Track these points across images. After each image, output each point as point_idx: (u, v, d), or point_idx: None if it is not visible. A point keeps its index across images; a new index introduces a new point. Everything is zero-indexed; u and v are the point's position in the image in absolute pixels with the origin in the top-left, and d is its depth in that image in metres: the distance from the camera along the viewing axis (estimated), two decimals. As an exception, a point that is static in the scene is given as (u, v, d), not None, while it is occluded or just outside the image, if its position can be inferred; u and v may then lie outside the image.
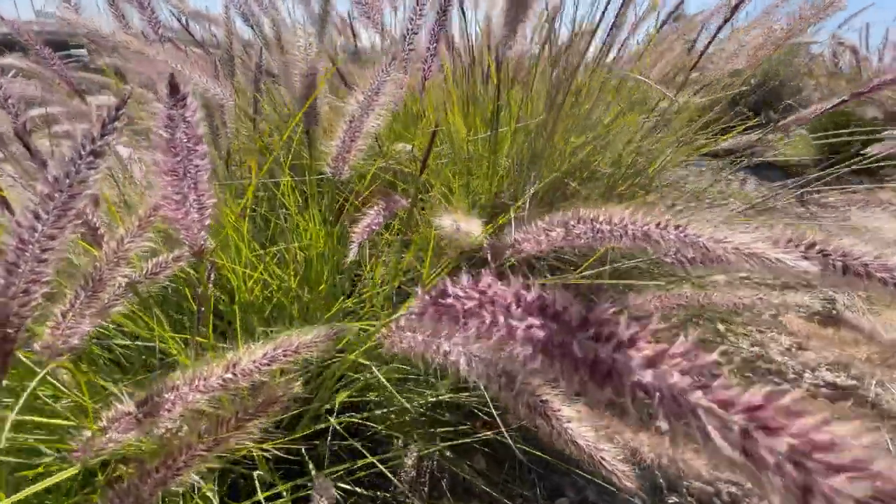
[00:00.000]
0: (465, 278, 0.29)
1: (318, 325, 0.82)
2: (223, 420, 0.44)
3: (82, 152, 0.34)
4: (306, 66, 0.67)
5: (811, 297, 0.83)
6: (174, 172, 0.38)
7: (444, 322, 0.29)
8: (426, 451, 0.88)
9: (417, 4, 0.77)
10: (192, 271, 0.83)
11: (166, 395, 0.43)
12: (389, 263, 1.09)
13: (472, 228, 0.61)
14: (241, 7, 1.11)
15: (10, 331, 0.39)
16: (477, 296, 0.25)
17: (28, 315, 0.38)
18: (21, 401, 0.44)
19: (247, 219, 0.84)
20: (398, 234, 1.19)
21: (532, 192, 0.97)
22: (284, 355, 0.44)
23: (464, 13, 1.24)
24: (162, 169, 0.37)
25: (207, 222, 0.47)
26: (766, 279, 1.42)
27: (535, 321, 0.21)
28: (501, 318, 0.23)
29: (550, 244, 0.56)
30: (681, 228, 0.41)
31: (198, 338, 0.69)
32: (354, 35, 1.59)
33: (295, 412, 0.75)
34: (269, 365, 0.43)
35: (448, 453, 1.00)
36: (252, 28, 1.15)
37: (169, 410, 0.44)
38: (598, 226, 0.48)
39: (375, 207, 0.70)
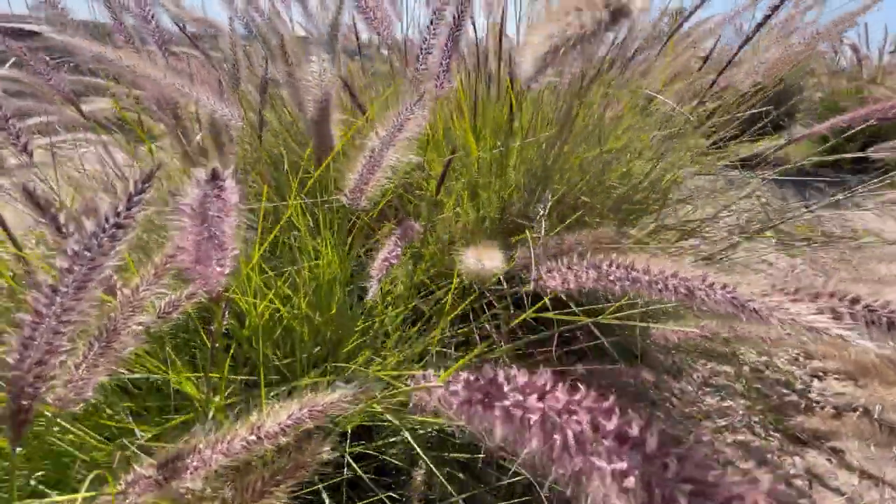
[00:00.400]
0: (519, 377, 0.27)
1: (329, 353, 0.80)
2: (248, 484, 0.42)
3: (106, 225, 0.32)
4: (320, 91, 0.64)
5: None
6: (199, 235, 0.36)
7: (493, 416, 0.27)
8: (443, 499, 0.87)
9: (431, 25, 0.74)
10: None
11: (188, 459, 0.42)
12: (400, 281, 1.07)
13: (495, 264, 0.59)
14: (245, 18, 1.08)
15: (24, 402, 0.37)
16: (540, 406, 0.24)
17: (43, 387, 0.36)
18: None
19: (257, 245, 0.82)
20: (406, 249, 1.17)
21: (545, 212, 0.95)
22: (311, 416, 0.42)
23: (473, 22, 1.21)
24: (187, 232, 0.35)
25: (228, 271, 0.45)
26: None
27: (622, 465, 0.19)
28: (573, 444, 0.21)
29: (580, 285, 0.55)
30: (729, 289, 0.39)
31: (211, 375, 0.67)
32: (357, 38, 1.56)
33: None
34: (294, 427, 0.41)
35: (460, 474, 0.99)
36: (256, 37, 1.13)
37: (191, 474, 0.42)
38: (635, 274, 0.46)
39: (392, 237, 0.68)
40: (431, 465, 0.71)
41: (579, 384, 0.25)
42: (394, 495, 0.88)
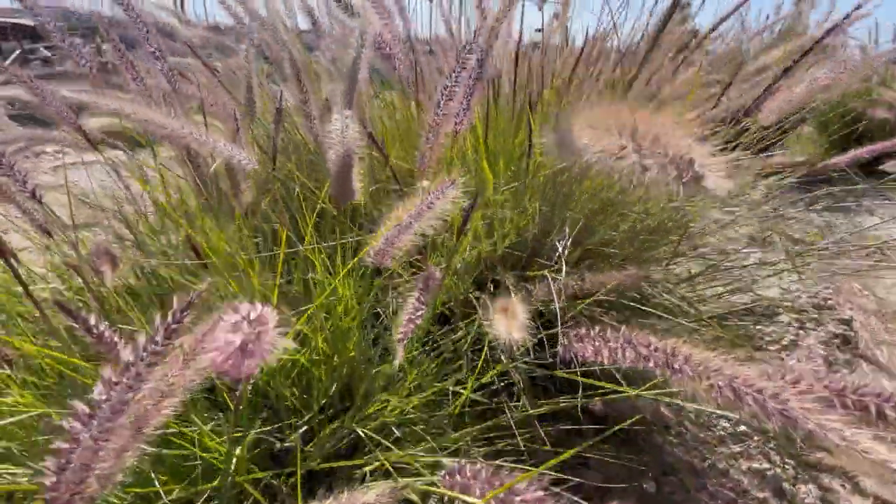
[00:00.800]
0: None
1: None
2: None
3: (143, 354, 0.31)
4: (343, 148, 0.63)
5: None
6: (234, 356, 0.35)
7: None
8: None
9: (454, 73, 0.73)
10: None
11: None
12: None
13: (523, 335, 0.59)
14: (259, 44, 1.07)
15: (60, 520, 0.36)
16: None
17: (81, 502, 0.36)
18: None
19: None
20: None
21: (564, 249, 0.94)
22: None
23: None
24: (221, 355, 0.34)
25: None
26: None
27: None
28: None
29: (614, 361, 0.54)
30: (780, 399, 0.38)
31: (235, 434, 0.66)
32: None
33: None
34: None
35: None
36: (270, 63, 1.11)
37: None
38: (677, 365, 0.45)
39: (414, 292, 0.67)
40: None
41: None
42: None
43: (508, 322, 0.57)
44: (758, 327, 1.66)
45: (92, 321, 0.42)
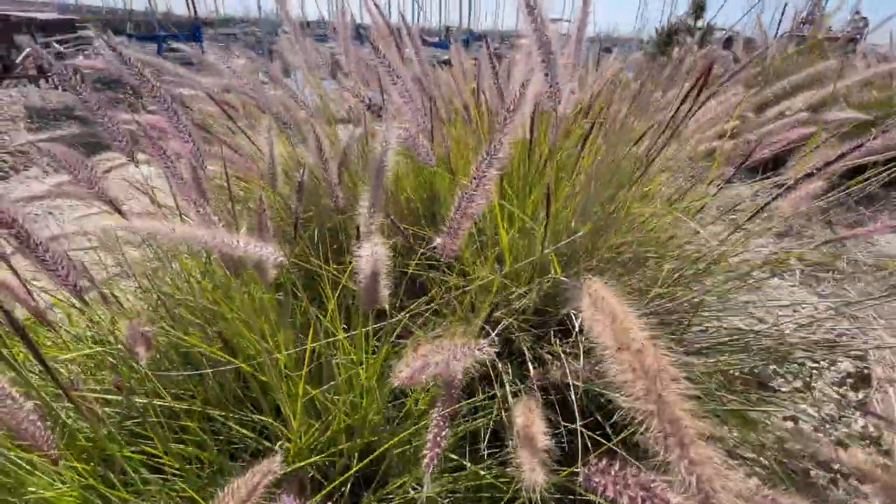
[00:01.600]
0: None
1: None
2: None
3: None
4: (371, 269, 0.66)
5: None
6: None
7: None
8: None
9: (474, 181, 0.74)
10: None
11: None
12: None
13: (544, 475, 0.61)
14: (284, 117, 1.09)
15: None
16: None
17: None
18: None
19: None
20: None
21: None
22: None
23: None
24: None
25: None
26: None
27: None
28: None
29: (632, 501, 0.56)
30: None
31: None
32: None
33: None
34: None
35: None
36: (291, 131, 1.13)
37: None
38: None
39: (437, 408, 0.69)
40: None
41: None
42: None
43: (532, 455, 0.60)
44: (771, 367, 1.67)
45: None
